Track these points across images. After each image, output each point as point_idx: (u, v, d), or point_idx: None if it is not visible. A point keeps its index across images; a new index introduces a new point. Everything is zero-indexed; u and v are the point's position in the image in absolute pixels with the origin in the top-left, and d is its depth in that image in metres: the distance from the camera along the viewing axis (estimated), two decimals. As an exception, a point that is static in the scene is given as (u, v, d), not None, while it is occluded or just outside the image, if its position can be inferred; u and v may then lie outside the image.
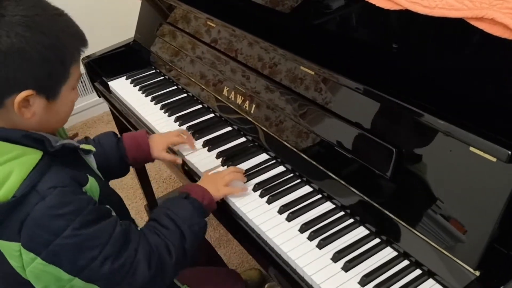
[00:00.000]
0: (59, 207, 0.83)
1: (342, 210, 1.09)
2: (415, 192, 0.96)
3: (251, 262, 1.98)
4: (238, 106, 1.37)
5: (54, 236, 0.83)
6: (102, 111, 3.02)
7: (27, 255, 0.84)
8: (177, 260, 0.97)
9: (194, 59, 1.57)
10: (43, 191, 0.83)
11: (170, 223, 1.00)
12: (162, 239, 0.98)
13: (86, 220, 0.86)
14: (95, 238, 0.87)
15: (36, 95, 0.85)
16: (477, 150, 0.85)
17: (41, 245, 0.83)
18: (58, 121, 0.94)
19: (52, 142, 0.87)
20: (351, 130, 1.07)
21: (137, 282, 0.92)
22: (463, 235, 0.88)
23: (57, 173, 0.86)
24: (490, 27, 0.74)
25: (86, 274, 0.87)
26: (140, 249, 0.93)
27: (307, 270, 0.97)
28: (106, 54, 1.85)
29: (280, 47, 1.27)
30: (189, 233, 1.01)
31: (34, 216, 0.82)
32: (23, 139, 0.86)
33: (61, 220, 0.83)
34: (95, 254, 0.86)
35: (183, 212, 1.03)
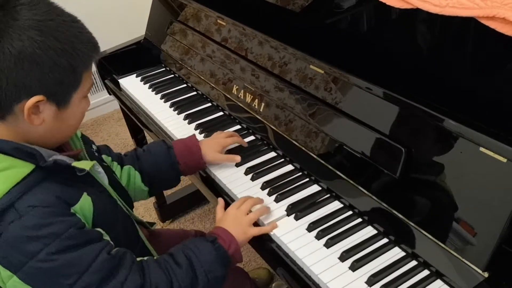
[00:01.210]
0: (35, 229, 0.79)
1: (350, 210, 1.08)
2: (424, 193, 0.95)
3: (259, 261, 1.98)
4: (247, 104, 1.37)
5: (27, 258, 0.79)
6: (113, 108, 3.03)
7: (4, 271, 0.81)
8: None
9: (204, 58, 1.57)
10: (21, 209, 0.80)
11: (185, 262, 0.94)
12: (167, 276, 0.92)
13: (64, 245, 0.81)
14: (72, 266, 0.82)
15: (46, 101, 0.83)
16: (487, 150, 0.84)
17: (16, 265, 0.80)
18: (68, 130, 0.92)
19: (45, 156, 0.84)
20: (360, 129, 1.06)
21: None
22: (472, 236, 0.88)
23: (42, 190, 0.83)
24: (501, 26, 0.74)
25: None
26: (128, 282, 0.86)
27: (315, 269, 0.96)
28: (117, 52, 1.86)
29: (290, 46, 1.27)
30: (204, 279, 0.94)
31: (9, 235, 0.79)
32: (14, 151, 0.83)
33: (36, 242, 0.79)
34: (70, 282, 0.81)
35: (204, 256, 0.96)
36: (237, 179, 1.22)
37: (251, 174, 1.21)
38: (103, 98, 3.00)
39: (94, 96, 2.99)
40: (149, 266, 0.92)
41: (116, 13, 2.80)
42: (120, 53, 1.86)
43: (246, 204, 1.09)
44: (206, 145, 1.24)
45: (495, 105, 0.95)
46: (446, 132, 0.91)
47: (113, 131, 2.84)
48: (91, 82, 0.91)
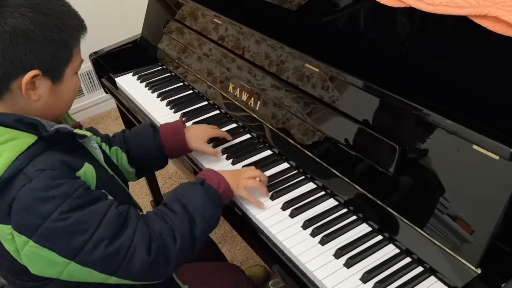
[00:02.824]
0: (46, 190, 0.82)
1: (345, 207, 1.09)
2: (418, 190, 0.96)
3: (256, 259, 1.98)
4: (244, 103, 1.38)
5: (42, 219, 0.82)
6: (110, 107, 3.04)
7: (19, 238, 0.83)
8: (182, 247, 0.94)
9: (201, 56, 1.58)
10: (30, 173, 0.82)
11: (180, 209, 0.97)
12: (168, 224, 0.95)
13: (75, 203, 0.84)
14: (85, 222, 0.85)
15: (42, 76, 0.87)
16: (480, 148, 0.85)
17: (31, 229, 0.82)
18: (63, 105, 0.95)
19: (47, 127, 0.87)
20: (355, 127, 1.07)
21: (135, 269, 0.89)
22: (465, 232, 0.88)
23: (48, 157, 0.86)
24: (493, 25, 0.75)
25: (80, 258, 0.85)
26: (138, 234, 0.90)
27: (310, 266, 0.97)
28: (113, 51, 1.86)
29: (287, 45, 1.27)
30: (200, 220, 0.98)
31: (21, 199, 0.82)
32: (15, 123, 0.86)
33: (49, 203, 0.82)
34: (86, 238, 0.84)
35: (196, 199, 1.00)
36: (233, 177, 1.22)
37: (247, 172, 1.22)
38: (100, 97, 3.00)
39: (91, 94, 2.99)
40: (150, 218, 0.96)
41: (113, 12, 2.81)
42: (116, 52, 1.87)
43: (254, 181, 1.12)
44: (191, 132, 1.27)
45: (488, 103, 0.96)
46: (440, 130, 0.92)
47: (110, 130, 2.84)
48: (81, 58, 0.96)
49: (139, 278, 0.92)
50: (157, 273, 0.93)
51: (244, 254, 2.03)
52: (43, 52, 0.86)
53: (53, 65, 0.89)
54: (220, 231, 2.14)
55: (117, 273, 0.88)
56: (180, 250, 0.94)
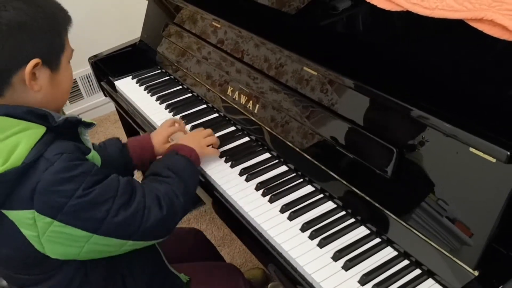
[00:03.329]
0: (68, 171, 0.87)
1: (343, 210, 1.10)
2: (415, 192, 0.96)
3: (255, 262, 1.99)
4: (243, 106, 1.38)
5: (67, 198, 0.86)
6: (109, 110, 3.04)
7: (43, 220, 0.86)
8: (184, 202, 1.04)
9: (200, 60, 1.58)
10: (51, 157, 0.86)
11: (170, 173, 1.07)
12: (167, 185, 1.04)
13: (94, 179, 0.90)
14: (105, 193, 0.91)
15: (41, 66, 0.90)
16: (477, 150, 0.85)
17: (56, 209, 0.86)
18: (61, 95, 0.99)
19: (55, 117, 0.91)
20: (353, 130, 1.08)
21: (152, 225, 0.96)
22: (463, 235, 0.89)
23: (61, 143, 0.90)
24: (489, 28, 0.75)
25: (103, 229, 0.91)
26: (147, 195, 0.98)
27: (308, 269, 0.97)
28: (113, 54, 1.87)
29: (285, 49, 1.28)
30: (189, 180, 1.09)
31: (45, 182, 0.85)
32: (26, 115, 0.89)
33: (72, 182, 0.87)
34: (108, 207, 0.91)
35: (180, 165, 1.12)
36: (231, 179, 1.23)
37: (245, 175, 1.22)
38: (99, 100, 3.00)
39: (91, 98, 3.00)
40: (150, 183, 1.05)
41: (112, 15, 2.81)
42: (116, 55, 1.87)
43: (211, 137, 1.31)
44: (155, 139, 1.33)
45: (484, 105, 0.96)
46: (437, 133, 0.92)
47: (109, 133, 2.84)
48: (71, 47, 0.99)
49: (153, 236, 1.00)
50: (167, 228, 1.03)
51: (243, 257, 2.04)
52: (40, 42, 0.89)
53: (50, 54, 0.92)
54: (219, 234, 2.15)
55: (135, 235, 0.95)
56: (184, 205, 1.04)
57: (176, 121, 1.39)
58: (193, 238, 1.49)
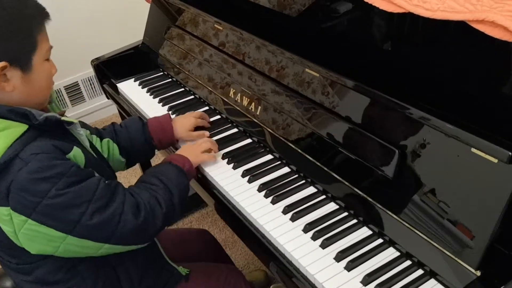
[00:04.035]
0: (42, 171, 0.88)
1: (346, 211, 1.10)
2: (417, 193, 0.97)
3: (257, 264, 1.99)
4: (245, 108, 1.39)
5: (40, 198, 0.88)
6: (111, 113, 3.05)
7: (18, 217, 0.89)
8: (166, 211, 1.05)
9: (202, 62, 1.59)
10: (26, 157, 0.88)
11: (158, 182, 1.09)
12: (151, 194, 1.05)
13: (70, 181, 0.91)
14: (80, 196, 0.92)
15: (11, 67, 0.91)
16: (479, 151, 0.86)
17: (29, 208, 0.88)
18: (39, 93, 0.99)
19: (36, 116, 0.92)
20: (355, 131, 1.08)
21: (128, 231, 0.97)
22: (464, 235, 0.89)
23: (40, 142, 0.92)
24: (491, 30, 0.76)
25: (78, 231, 0.92)
26: (127, 201, 0.98)
27: (310, 269, 0.98)
28: (115, 57, 1.88)
29: (287, 50, 1.29)
30: (176, 190, 1.09)
31: (19, 181, 0.87)
32: (7, 113, 0.91)
33: (45, 183, 0.88)
34: (82, 210, 0.91)
35: (169, 174, 1.12)
36: (234, 181, 1.23)
37: (248, 176, 1.23)
38: (102, 103, 3.01)
39: (93, 100, 3.00)
40: (135, 189, 1.06)
41: (114, 18, 2.82)
42: (118, 58, 1.88)
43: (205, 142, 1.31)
44: (178, 122, 1.38)
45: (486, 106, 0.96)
46: (438, 133, 0.92)
47: (111, 136, 2.85)
48: (48, 44, 0.99)
49: (130, 241, 1.01)
50: (146, 235, 1.03)
51: (246, 259, 2.04)
52: (7, 44, 0.90)
53: (18, 55, 0.93)
54: (221, 236, 2.15)
55: (111, 239, 0.96)
56: (166, 214, 1.05)
57: (202, 115, 1.44)
58: (200, 240, 1.49)
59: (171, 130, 1.35)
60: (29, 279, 1.02)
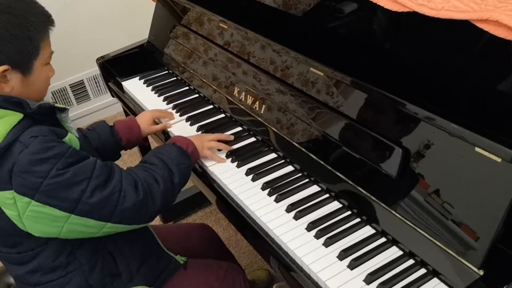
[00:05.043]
0: (42, 152, 0.92)
1: (349, 210, 1.10)
2: (420, 192, 0.97)
3: (260, 263, 1.99)
4: (249, 107, 1.39)
5: (41, 178, 0.91)
6: (116, 111, 3.06)
7: (22, 199, 0.92)
8: (164, 189, 1.07)
9: (206, 61, 1.60)
10: (26, 140, 0.92)
11: (158, 161, 1.12)
12: (149, 173, 1.08)
13: (68, 161, 0.94)
14: (80, 174, 0.95)
15: (12, 70, 0.96)
16: (482, 150, 0.86)
17: (32, 189, 0.92)
18: (36, 93, 1.03)
19: (30, 104, 0.96)
20: (359, 130, 1.08)
21: (128, 209, 1.00)
22: (467, 234, 0.89)
23: (36, 127, 0.96)
24: (495, 29, 0.76)
25: (80, 209, 0.95)
26: (124, 179, 1.02)
27: (313, 268, 0.98)
28: (120, 55, 1.89)
29: (292, 50, 1.29)
30: (176, 170, 1.12)
31: (20, 163, 0.91)
32: (3, 102, 0.95)
33: (46, 163, 0.92)
34: (83, 187, 0.95)
35: (170, 154, 1.15)
36: (238, 179, 1.23)
37: (251, 174, 1.23)
38: (107, 101, 3.02)
39: (98, 98, 3.01)
40: (133, 169, 1.09)
41: (119, 17, 2.83)
42: (123, 56, 1.89)
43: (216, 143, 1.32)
44: (141, 121, 1.42)
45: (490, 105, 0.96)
46: (442, 133, 0.92)
47: (116, 134, 2.85)
48: (50, 50, 1.03)
49: (132, 220, 1.04)
50: (146, 213, 1.05)
51: (249, 258, 2.04)
52: (9, 49, 0.94)
53: (20, 60, 0.97)
54: (224, 235, 2.15)
55: (112, 217, 0.99)
56: (163, 192, 1.07)
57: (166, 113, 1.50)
58: (200, 234, 1.50)
59: (138, 128, 1.40)
60: (28, 268, 1.04)
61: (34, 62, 0.99)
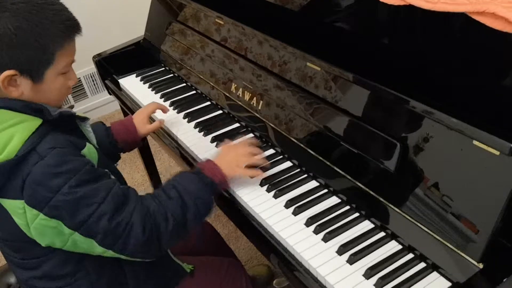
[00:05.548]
0: (57, 166, 0.89)
1: (348, 204, 1.10)
2: (419, 186, 0.97)
3: (260, 258, 1.99)
4: (247, 103, 1.39)
5: (53, 193, 0.89)
6: (114, 109, 3.05)
7: (31, 211, 0.90)
8: (173, 229, 1.01)
9: (203, 57, 1.59)
10: (42, 151, 0.90)
11: (174, 194, 1.04)
12: (161, 207, 1.01)
13: (83, 179, 0.91)
14: (91, 197, 0.92)
15: (21, 76, 0.92)
16: (480, 143, 0.86)
17: (42, 202, 0.89)
18: (49, 101, 0.98)
19: (51, 111, 0.93)
20: (357, 125, 1.08)
21: (131, 244, 0.96)
22: (467, 227, 0.89)
23: (55, 136, 0.93)
24: (491, 22, 0.76)
25: (84, 229, 0.92)
26: (135, 212, 0.97)
27: (313, 263, 0.98)
28: (117, 52, 1.88)
29: (289, 45, 1.28)
30: (193, 206, 1.04)
31: (34, 175, 0.89)
32: (23, 108, 0.92)
33: (59, 178, 0.89)
34: (91, 211, 0.92)
35: (190, 186, 1.06)
36: (236, 175, 1.23)
37: (250, 171, 1.23)
38: (104, 99, 3.02)
39: (95, 97, 3.01)
40: (147, 199, 1.02)
41: (115, 14, 2.82)
42: (119, 54, 1.88)
43: (248, 157, 1.18)
44: (137, 121, 1.38)
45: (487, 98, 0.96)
46: (440, 126, 0.92)
47: (114, 132, 2.85)
48: (68, 60, 0.97)
49: (133, 254, 0.99)
50: (149, 251, 1.01)
51: (248, 254, 2.04)
52: (18, 55, 0.90)
53: (30, 67, 0.92)
54: (224, 231, 2.15)
55: (114, 247, 0.96)
56: (172, 231, 1.01)
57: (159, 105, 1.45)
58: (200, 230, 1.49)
59: (134, 129, 1.36)
60: (36, 274, 1.02)
61: (46, 71, 0.94)
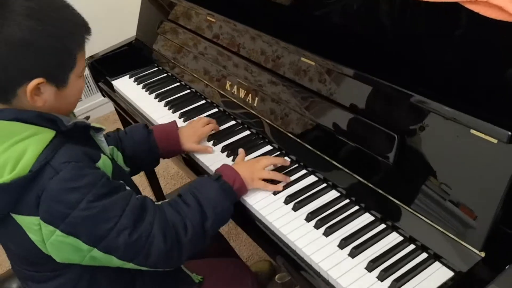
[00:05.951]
0: (73, 181, 0.87)
1: (347, 198, 1.10)
2: (418, 177, 0.97)
3: (261, 254, 1.99)
4: (242, 100, 1.38)
5: (70, 209, 0.86)
6: (108, 110, 3.04)
7: (46, 228, 0.87)
8: (192, 238, 0.99)
9: (196, 55, 1.58)
10: (57, 165, 0.87)
11: (193, 201, 1.02)
12: (180, 216, 0.99)
13: (100, 193, 0.89)
14: (109, 211, 0.90)
15: (46, 83, 0.90)
16: (478, 132, 0.86)
17: (59, 218, 0.87)
18: (67, 107, 0.98)
19: (64, 122, 0.91)
20: (353, 118, 1.08)
21: (153, 256, 0.94)
22: (467, 217, 0.89)
23: (70, 149, 0.90)
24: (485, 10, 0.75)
25: (103, 245, 0.90)
26: (155, 223, 0.95)
27: (315, 258, 0.98)
28: (109, 54, 1.87)
29: (282, 40, 1.28)
30: (212, 214, 1.02)
31: (50, 190, 0.86)
32: (36, 119, 0.90)
33: (76, 193, 0.87)
34: (110, 226, 0.89)
35: (209, 193, 1.04)
36: (234, 173, 1.23)
37: (248, 168, 1.22)
38: (98, 101, 3.01)
39: (89, 99, 3.00)
40: (165, 208, 1.00)
41: (106, 15, 2.80)
42: (112, 55, 1.87)
43: (269, 173, 1.16)
44: (184, 134, 1.31)
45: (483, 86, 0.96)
46: (437, 116, 0.92)
47: (109, 133, 2.84)
48: (84, 61, 0.97)
49: (154, 266, 0.97)
50: (171, 261, 0.99)
51: (250, 250, 2.05)
52: (47, 61, 0.89)
53: (57, 72, 0.91)
54: (225, 228, 2.15)
55: (136, 260, 0.94)
56: (191, 240, 0.99)
57: (210, 120, 1.37)
58: None
59: (177, 139, 1.30)
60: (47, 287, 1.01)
61: (70, 75, 0.93)
